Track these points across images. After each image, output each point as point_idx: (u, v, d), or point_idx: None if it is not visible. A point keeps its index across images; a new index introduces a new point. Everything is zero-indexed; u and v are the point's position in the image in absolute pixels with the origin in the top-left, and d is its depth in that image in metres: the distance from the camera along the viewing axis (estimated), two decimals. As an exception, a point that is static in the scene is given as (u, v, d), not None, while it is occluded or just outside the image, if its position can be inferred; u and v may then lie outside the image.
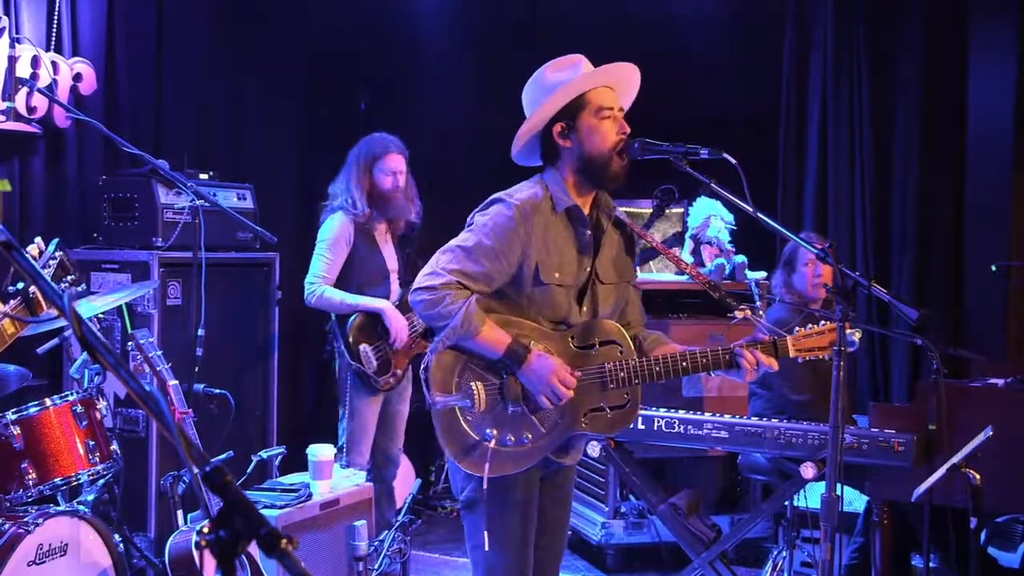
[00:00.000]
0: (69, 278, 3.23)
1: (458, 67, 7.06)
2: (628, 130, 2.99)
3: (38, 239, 3.17)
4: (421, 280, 2.93)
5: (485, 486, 2.89)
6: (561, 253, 2.98)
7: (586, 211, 3.05)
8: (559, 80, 2.98)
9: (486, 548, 2.95)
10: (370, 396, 4.86)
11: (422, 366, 2.99)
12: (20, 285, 2.92)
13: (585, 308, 3.04)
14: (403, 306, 4.87)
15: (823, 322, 3.02)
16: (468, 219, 3.04)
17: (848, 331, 2.94)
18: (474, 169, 5.75)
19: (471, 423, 2.92)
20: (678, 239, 5.46)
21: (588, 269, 3.03)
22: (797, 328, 3.03)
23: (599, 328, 3.02)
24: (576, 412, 2.97)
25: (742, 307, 3.07)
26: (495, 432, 2.91)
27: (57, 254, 3.18)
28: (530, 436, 2.94)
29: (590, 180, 3.01)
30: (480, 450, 2.90)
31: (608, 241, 3.09)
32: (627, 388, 2.99)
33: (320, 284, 4.80)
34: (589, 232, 3.03)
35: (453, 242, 2.98)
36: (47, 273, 2.98)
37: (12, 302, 2.98)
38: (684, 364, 2.97)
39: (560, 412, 2.95)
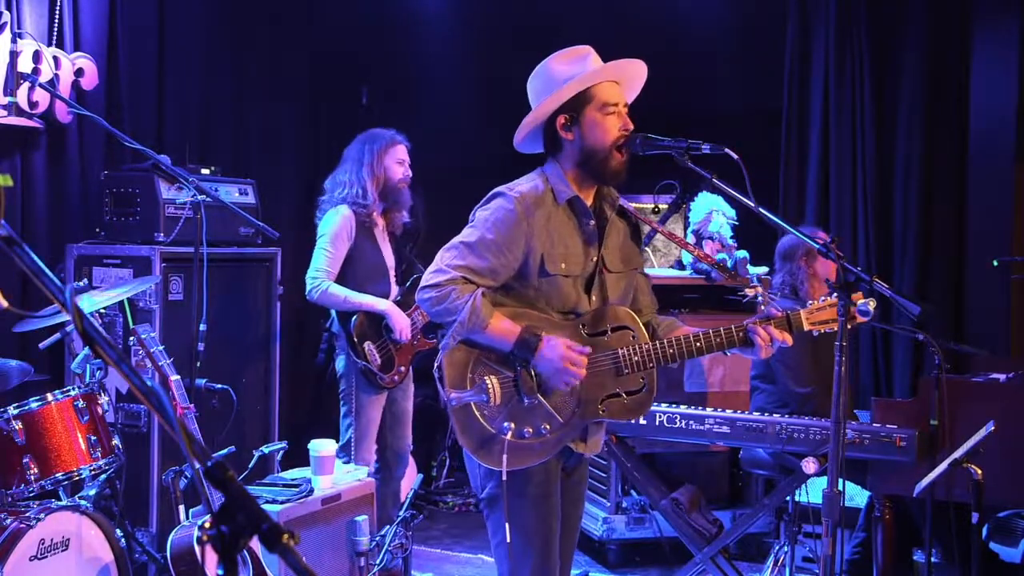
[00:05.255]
0: None
1: (459, 64, 7.06)
2: (631, 126, 2.99)
3: None
4: (427, 278, 2.93)
5: (504, 478, 2.88)
6: (565, 244, 2.98)
7: (589, 202, 3.06)
8: (566, 72, 2.98)
9: (508, 543, 2.95)
10: (375, 394, 4.84)
11: (435, 364, 2.97)
12: None
13: (594, 297, 3.04)
14: (402, 304, 4.86)
15: (834, 294, 2.99)
16: (470, 215, 3.04)
17: (862, 300, 2.92)
18: (476, 167, 5.75)
19: (488, 417, 2.91)
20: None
21: (594, 259, 3.03)
22: (810, 301, 3.03)
23: (610, 314, 3.02)
24: (593, 399, 2.97)
25: (754, 284, 3.07)
26: (512, 425, 2.90)
27: None
28: (548, 427, 2.93)
29: (590, 174, 3.01)
30: (497, 444, 2.89)
31: (613, 230, 3.09)
32: (642, 372, 2.99)
33: (324, 279, 4.72)
34: (593, 222, 3.03)
35: (456, 239, 2.98)
36: None
37: None
38: (698, 345, 2.97)
39: (577, 401, 2.95)
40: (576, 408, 2.96)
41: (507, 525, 2.94)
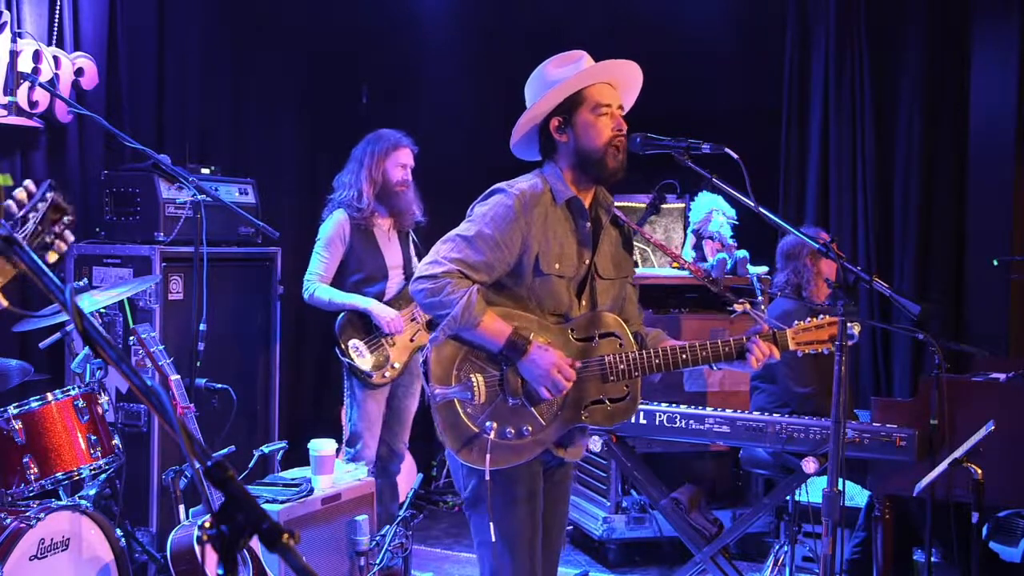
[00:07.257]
0: (67, 219, 2.71)
1: (459, 64, 7.06)
2: (624, 128, 2.99)
3: (27, 182, 2.66)
4: (422, 269, 2.94)
5: (487, 478, 2.89)
6: (561, 244, 2.98)
7: (587, 204, 3.06)
8: (559, 75, 2.98)
9: (492, 543, 2.94)
10: (371, 389, 4.87)
11: (422, 358, 2.99)
12: None
13: (584, 302, 3.03)
14: (404, 298, 4.87)
15: (822, 315, 3.01)
16: (469, 209, 3.04)
17: (848, 324, 2.93)
18: (475, 165, 5.75)
19: (471, 415, 2.92)
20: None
21: (587, 262, 3.03)
22: (796, 321, 3.03)
23: (599, 321, 3.02)
24: (576, 404, 2.97)
25: (741, 300, 3.06)
26: (495, 424, 2.91)
27: (49, 195, 2.63)
28: (530, 428, 2.93)
29: (587, 175, 3.01)
30: (480, 443, 2.90)
31: (606, 237, 3.09)
32: (627, 380, 2.99)
33: (314, 282, 4.85)
34: (588, 224, 3.03)
35: (454, 232, 2.98)
36: (36, 216, 2.67)
37: None
38: (684, 356, 2.97)
39: (560, 404, 2.95)
40: (559, 412, 2.96)
41: (491, 525, 2.94)
